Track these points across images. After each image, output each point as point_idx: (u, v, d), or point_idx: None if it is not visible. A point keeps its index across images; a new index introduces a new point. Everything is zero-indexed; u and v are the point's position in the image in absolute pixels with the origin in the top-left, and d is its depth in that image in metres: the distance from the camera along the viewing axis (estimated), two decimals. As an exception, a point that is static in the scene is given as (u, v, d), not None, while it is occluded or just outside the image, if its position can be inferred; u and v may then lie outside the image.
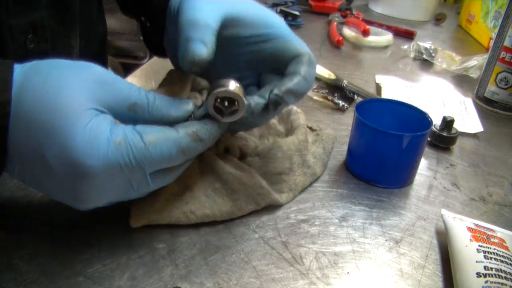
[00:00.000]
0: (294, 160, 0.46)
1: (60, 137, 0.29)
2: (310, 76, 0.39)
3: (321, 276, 0.37)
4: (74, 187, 0.31)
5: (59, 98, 0.30)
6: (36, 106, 0.29)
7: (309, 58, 0.39)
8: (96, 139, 0.30)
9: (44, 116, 0.29)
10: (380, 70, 0.85)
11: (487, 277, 0.35)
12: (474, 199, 0.50)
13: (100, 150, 0.30)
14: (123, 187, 0.33)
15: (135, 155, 0.31)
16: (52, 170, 0.30)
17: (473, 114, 0.69)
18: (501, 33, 0.70)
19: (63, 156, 0.30)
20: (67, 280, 0.35)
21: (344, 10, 1.10)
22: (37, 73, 0.31)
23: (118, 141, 0.31)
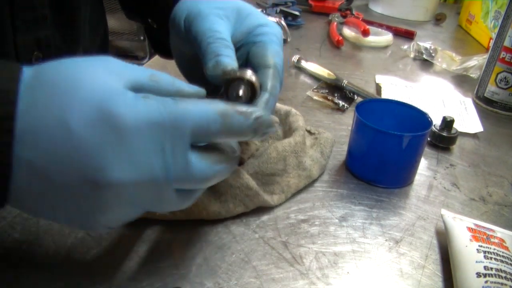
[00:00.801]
0: (289, 162, 0.46)
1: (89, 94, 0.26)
2: (276, 90, 0.39)
3: (321, 276, 0.37)
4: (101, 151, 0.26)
5: (83, 68, 0.27)
6: (55, 76, 0.27)
7: (273, 72, 0.40)
8: (125, 95, 0.27)
9: (68, 82, 0.26)
10: (380, 70, 0.85)
11: (487, 277, 0.35)
12: (474, 199, 0.50)
13: (128, 102, 0.27)
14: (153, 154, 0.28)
15: (166, 109, 0.28)
16: (75, 138, 0.25)
17: (473, 114, 0.70)
18: (501, 33, 0.70)
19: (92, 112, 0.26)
20: (66, 280, 0.35)
21: (344, 10, 1.10)
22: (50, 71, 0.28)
23: (145, 96, 0.28)
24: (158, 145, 0.28)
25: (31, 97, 0.26)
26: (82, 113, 0.26)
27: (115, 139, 0.26)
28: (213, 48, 0.38)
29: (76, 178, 0.26)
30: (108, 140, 0.26)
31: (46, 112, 0.26)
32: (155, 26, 0.51)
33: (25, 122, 0.26)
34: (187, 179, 0.30)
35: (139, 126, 0.27)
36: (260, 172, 0.45)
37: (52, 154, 0.26)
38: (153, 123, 0.27)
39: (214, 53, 0.37)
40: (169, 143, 0.28)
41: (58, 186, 0.27)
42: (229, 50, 0.38)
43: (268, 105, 0.38)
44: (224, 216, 0.42)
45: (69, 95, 0.26)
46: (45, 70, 0.27)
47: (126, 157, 0.27)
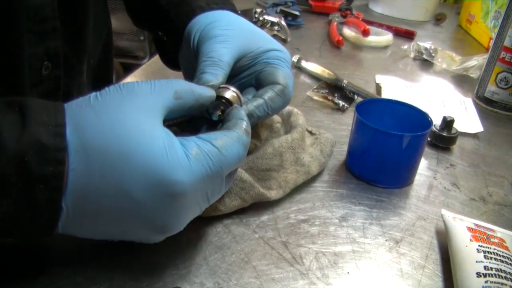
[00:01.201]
0: (285, 157, 0.46)
1: (140, 160, 0.29)
2: (274, 102, 0.42)
3: (321, 276, 0.37)
4: (161, 212, 0.31)
5: (125, 124, 0.30)
6: (100, 140, 0.29)
7: (281, 89, 0.42)
8: (175, 155, 0.30)
9: (115, 146, 0.29)
10: (380, 70, 0.85)
11: (487, 277, 0.35)
12: (474, 199, 0.50)
13: (183, 164, 0.30)
14: (200, 202, 0.34)
15: (214, 162, 0.32)
16: (136, 202, 0.30)
17: (473, 114, 0.69)
18: (501, 33, 0.70)
19: (149, 179, 0.30)
20: (67, 280, 0.35)
21: (344, 10, 1.10)
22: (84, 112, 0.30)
23: (194, 153, 0.31)
24: (205, 190, 0.33)
25: (81, 163, 0.29)
26: (139, 181, 0.30)
27: (173, 201, 0.31)
28: (201, 66, 0.40)
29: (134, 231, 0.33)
30: (167, 203, 0.31)
31: (101, 180, 0.29)
32: (164, 38, 0.52)
33: (77, 187, 0.29)
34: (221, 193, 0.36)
35: (194, 185, 0.31)
36: (255, 167, 0.45)
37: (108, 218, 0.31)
38: (203, 178, 0.32)
39: (200, 71, 0.40)
40: (213, 187, 0.34)
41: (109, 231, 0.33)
42: (216, 68, 0.40)
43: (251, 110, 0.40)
44: (223, 211, 0.42)
45: (122, 164, 0.29)
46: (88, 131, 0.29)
47: (182, 210, 0.32)
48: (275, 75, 0.43)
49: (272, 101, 0.42)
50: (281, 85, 0.43)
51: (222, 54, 0.41)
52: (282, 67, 0.44)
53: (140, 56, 2.27)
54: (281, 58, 0.45)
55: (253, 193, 0.43)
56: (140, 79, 0.72)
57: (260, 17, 0.97)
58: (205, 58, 0.40)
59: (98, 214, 0.30)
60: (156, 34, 0.54)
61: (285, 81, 0.43)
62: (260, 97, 0.41)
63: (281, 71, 0.44)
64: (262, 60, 0.44)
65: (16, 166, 0.26)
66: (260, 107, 0.41)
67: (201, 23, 0.44)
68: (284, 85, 0.43)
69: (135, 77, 0.73)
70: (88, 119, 0.30)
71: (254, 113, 0.41)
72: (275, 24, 0.96)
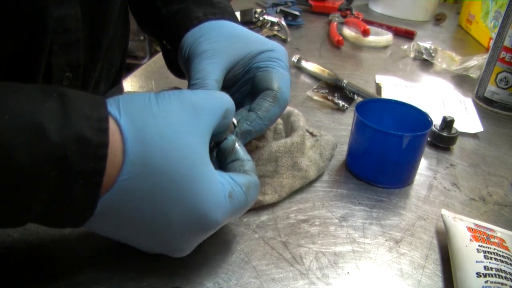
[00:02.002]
0: (281, 162, 0.46)
1: (193, 195, 0.30)
2: (268, 113, 0.42)
3: (321, 276, 0.37)
4: (184, 240, 0.32)
5: (185, 150, 0.30)
6: (160, 160, 0.29)
7: (274, 95, 0.42)
8: (219, 195, 0.31)
9: (173, 173, 0.29)
10: (380, 70, 0.85)
11: (487, 277, 0.35)
12: (474, 199, 0.50)
13: (223, 205, 0.32)
14: None
15: (241, 207, 0.34)
16: (170, 225, 0.31)
17: (473, 114, 0.70)
18: (501, 33, 0.70)
19: (191, 212, 0.30)
20: (67, 280, 0.35)
21: (344, 10, 1.10)
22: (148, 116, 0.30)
23: (229, 195, 0.33)
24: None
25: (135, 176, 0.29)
26: (183, 210, 0.30)
27: (202, 236, 0.33)
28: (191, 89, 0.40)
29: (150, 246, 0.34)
30: (197, 236, 0.33)
31: (148, 198, 0.29)
32: (169, 47, 0.52)
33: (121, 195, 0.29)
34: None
35: (222, 223, 0.33)
36: None
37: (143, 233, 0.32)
38: (228, 218, 0.33)
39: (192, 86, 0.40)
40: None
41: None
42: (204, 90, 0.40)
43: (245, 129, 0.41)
44: None
45: (173, 190, 0.30)
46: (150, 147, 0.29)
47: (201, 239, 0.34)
48: (266, 80, 0.43)
49: (266, 112, 0.41)
50: (273, 91, 0.42)
51: (209, 72, 0.41)
52: (273, 68, 0.43)
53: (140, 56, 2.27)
54: (272, 59, 0.44)
55: None
56: (140, 79, 0.72)
57: (260, 17, 0.97)
58: (193, 80, 0.40)
59: (128, 222, 0.30)
60: (161, 42, 0.54)
61: (277, 84, 0.42)
62: (253, 111, 0.41)
63: (272, 74, 0.43)
64: (253, 65, 0.44)
65: (58, 160, 0.25)
66: (254, 122, 0.41)
67: (191, 38, 0.44)
68: (276, 90, 0.42)
69: (135, 77, 0.73)
70: (150, 129, 0.29)
71: (248, 132, 0.41)
72: (275, 24, 0.96)
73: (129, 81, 0.70)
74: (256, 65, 0.44)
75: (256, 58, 0.44)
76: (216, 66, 0.41)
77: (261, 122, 0.41)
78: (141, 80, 0.72)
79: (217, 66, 0.41)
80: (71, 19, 0.40)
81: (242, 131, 0.41)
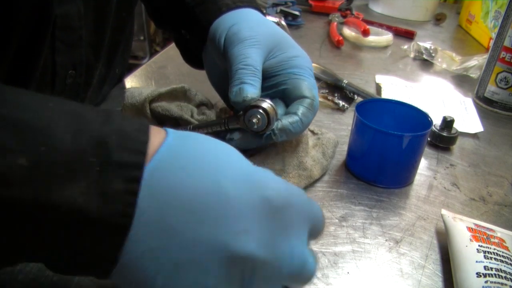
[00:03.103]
0: (288, 162, 0.46)
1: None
2: (307, 118, 0.43)
3: (321, 276, 0.37)
4: None
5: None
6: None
7: (311, 103, 0.43)
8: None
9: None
10: (380, 70, 0.85)
11: (487, 277, 0.35)
12: (474, 199, 0.50)
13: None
14: None
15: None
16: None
17: (473, 114, 0.70)
18: (501, 33, 0.70)
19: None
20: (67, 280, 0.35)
21: (344, 10, 1.10)
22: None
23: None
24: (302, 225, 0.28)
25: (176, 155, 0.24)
26: (236, 179, 0.25)
27: (263, 211, 0.25)
28: (240, 74, 0.41)
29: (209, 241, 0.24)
30: (258, 210, 0.25)
31: (197, 172, 0.24)
32: (188, 37, 0.52)
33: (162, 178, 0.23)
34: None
35: (289, 201, 0.26)
36: None
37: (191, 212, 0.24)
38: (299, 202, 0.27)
39: (239, 79, 0.41)
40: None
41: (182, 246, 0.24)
42: (254, 78, 0.41)
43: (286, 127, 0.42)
44: None
45: (221, 161, 0.25)
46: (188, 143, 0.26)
47: (268, 233, 0.25)
48: (301, 88, 0.44)
49: (305, 117, 0.43)
50: (309, 99, 0.43)
51: (257, 61, 0.42)
52: (306, 77, 0.45)
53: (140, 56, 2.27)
54: (304, 67, 0.45)
55: None
56: (140, 79, 0.72)
57: (260, 17, 0.97)
58: (242, 65, 0.41)
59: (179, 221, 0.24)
60: (179, 33, 0.54)
61: (311, 93, 0.44)
62: (294, 113, 0.42)
63: (307, 83, 0.44)
64: (286, 70, 0.45)
65: (96, 146, 0.22)
66: (295, 124, 0.42)
67: (226, 23, 0.45)
68: (312, 98, 0.43)
69: (135, 77, 0.73)
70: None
71: (287, 129, 0.42)
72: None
73: (129, 81, 0.70)
74: (289, 71, 0.45)
75: (289, 63, 0.45)
76: (260, 55, 0.42)
77: (302, 126, 0.43)
78: (141, 80, 0.72)
79: (260, 55, 0.42)
80: (75, 16, 0.40)
81: (282, 127, 0.42)
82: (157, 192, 0.23)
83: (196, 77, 0.68)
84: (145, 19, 2.15)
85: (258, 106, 0.41)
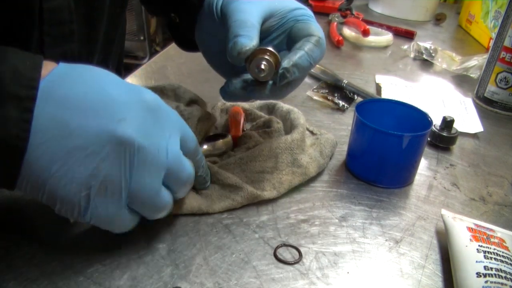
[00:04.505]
0: (281, 159, 0.46)
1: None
2: (313, 53, 0.41)
3: (321, 276, 0.37)
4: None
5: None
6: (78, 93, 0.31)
7: (317, 40, 0.42)
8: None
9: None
10: (380, 70, 0.85)
11: (487, 277, 0.35)
12: (474, 199, 0.50)
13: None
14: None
15: None
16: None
17: (473, 114, 0.70)
18: (501, 33, 0.70)
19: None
20: (67, 280, 0.35)
21: (344, 10, 1.10)
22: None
23: None
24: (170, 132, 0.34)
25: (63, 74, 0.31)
26: (118, 86, 0.32)
27: (141, 107, 0.32)
28: (233, 28, 0.39)
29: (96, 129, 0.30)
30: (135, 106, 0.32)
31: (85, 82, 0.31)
32: (177, 20, 0.52)
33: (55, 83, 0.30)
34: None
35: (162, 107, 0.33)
36: (248, 170, 0.45)
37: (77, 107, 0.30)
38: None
39: (233, 33, 0.39)
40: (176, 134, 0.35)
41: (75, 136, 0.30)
42: (249, 29, 0.39)
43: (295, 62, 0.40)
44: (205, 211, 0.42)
45: (105, 76, 0.32)
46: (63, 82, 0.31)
47: (145, 124, 0.32)
48: (308, 28, 0.43)
49: (312, 52, 0.41)
50: (316, 36, 0.42)
51: (251, 14, 0.40)
52: (311, 21, 0.44)
53: (140, 56, 2.27)
54: (309, 15, 0.44)
55: (242, 193, 0.43)
56: (140, 79, 0.72)
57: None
58: (235, 19, 0.40)
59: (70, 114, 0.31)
60: (169, 17, 0.53)
61: (318, 32, 0.42)
62: (300, 49, 0.41)
63: (313, 25, 0.43)
64: (291, 19, 0.44)
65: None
66: (303, 57, 0.40)
67: None
68: (319, 36, 0.42)
69: (135, 77, 0.73)
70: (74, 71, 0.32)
71: (298, 64, 0.40)
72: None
73: (129, 81, 0.70)
74: (294, 18, 0.44)
75: (293, 13, 0.44)
76: (258, 9, 0.41)
77: (309, 59, 0.41)
78: (141, 80, 0.72)
79: (258, 10, 0.41)
80: (65, 10, 0.40)
81: (290, 63, 0.40)
82: (52, 98, 0.30)
83: (196, 77, 0.68)
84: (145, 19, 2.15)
85: (263, 52, 0.39)
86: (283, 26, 0.44)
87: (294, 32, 0.44)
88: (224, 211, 0.43)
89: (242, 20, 0.40)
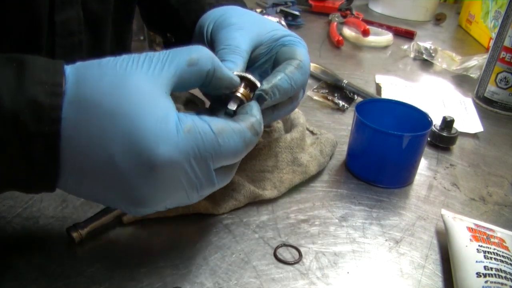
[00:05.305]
0: (281, 158, 0.46)
1: (128, 123, 0.28)
2: (294, 75, 0.39)
3: (321, 276, 0.37)
4: (138, 183, 0.29)
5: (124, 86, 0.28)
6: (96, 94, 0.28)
7: (298, 63, 0.41)
8: (165, 126, 0.29)
9: (108, 103, 0.28)
10: (380, 70, 0.85)
11: (487, 277, 0.35)
12: (474, 199, 0.50)
13: (170, 137, 0.29)
14: (186, 186, 0.31)
15: (205, 145, 0.30)
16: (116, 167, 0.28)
17: (473, 114, 0.69)
18: (501, 33, 0.70)
19: (131, 145, 0.28)
20: (66, 280, 0.35)
21: (344, 10, 1.10)
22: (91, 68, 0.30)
23: (187, 129, 0.29)
24: (190, 172, 0.31)
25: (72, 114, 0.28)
26: (122, 145, 0.28)
27: (151, 173, 0.29)
28: (219, 54, 0.39)
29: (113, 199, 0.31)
30: (145, 174, 0.29)
31: (88, 134, 0.28)
32: (173, 40, 0.52)
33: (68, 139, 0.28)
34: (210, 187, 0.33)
35: (176, 162, 0.29)
36: (248, 169, 0.45)
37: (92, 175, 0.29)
38: (188, 159, 0.30)
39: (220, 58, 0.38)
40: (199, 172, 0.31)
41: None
42: (235, 55, 0.39)
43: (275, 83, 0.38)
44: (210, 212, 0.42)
45: (110, 123, 0.28)
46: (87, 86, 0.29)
47: (160, 185, 0.30)
48: (292, 52, 0.42)
49: (292, 74, 0.39)
50: (297, 60, 0.41)
51: (240, 41, 0.40)
52: (297, 45, 0.43)
53: (140, 56, 2.27)
54: (295, 41, 0.44)
55: (244, 192, 0.43)
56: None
57: (260, 17, 0.97)
58: (223, 46, 0.40)
59: (83, 172, 0.29)
60: (165, 36, 0.54)
61: (301, 57, 0.41)
62: (280, 71, 0.39)
63: (298, 49, 0.42)
64: (278, 44, 0.43)
65: (11, 124, 0.26)
66: (283, 79, 0.38)
67: (213, 15, 0.44)
68: (300, 60, 0.41)
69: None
70: (92, 75, 0.29)
71: (278, 86, 0.38)
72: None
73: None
74: (281, 43, 0.43)
75: (281, 40, 0.44)
76: (246, 39, 0.41)
77: (289, 80, 0.39)
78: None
79: (247, 39, 0.41)
80: (74, 22, 0.41)
81: (270, 87, 0.37)
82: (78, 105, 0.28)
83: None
84: (145, 19, 2.15)
85: (241, 80, 0.37)
86: (270, 52, 0.44)
87: (278, 56, 0.43)
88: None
89: (229, 46, 0.39)
